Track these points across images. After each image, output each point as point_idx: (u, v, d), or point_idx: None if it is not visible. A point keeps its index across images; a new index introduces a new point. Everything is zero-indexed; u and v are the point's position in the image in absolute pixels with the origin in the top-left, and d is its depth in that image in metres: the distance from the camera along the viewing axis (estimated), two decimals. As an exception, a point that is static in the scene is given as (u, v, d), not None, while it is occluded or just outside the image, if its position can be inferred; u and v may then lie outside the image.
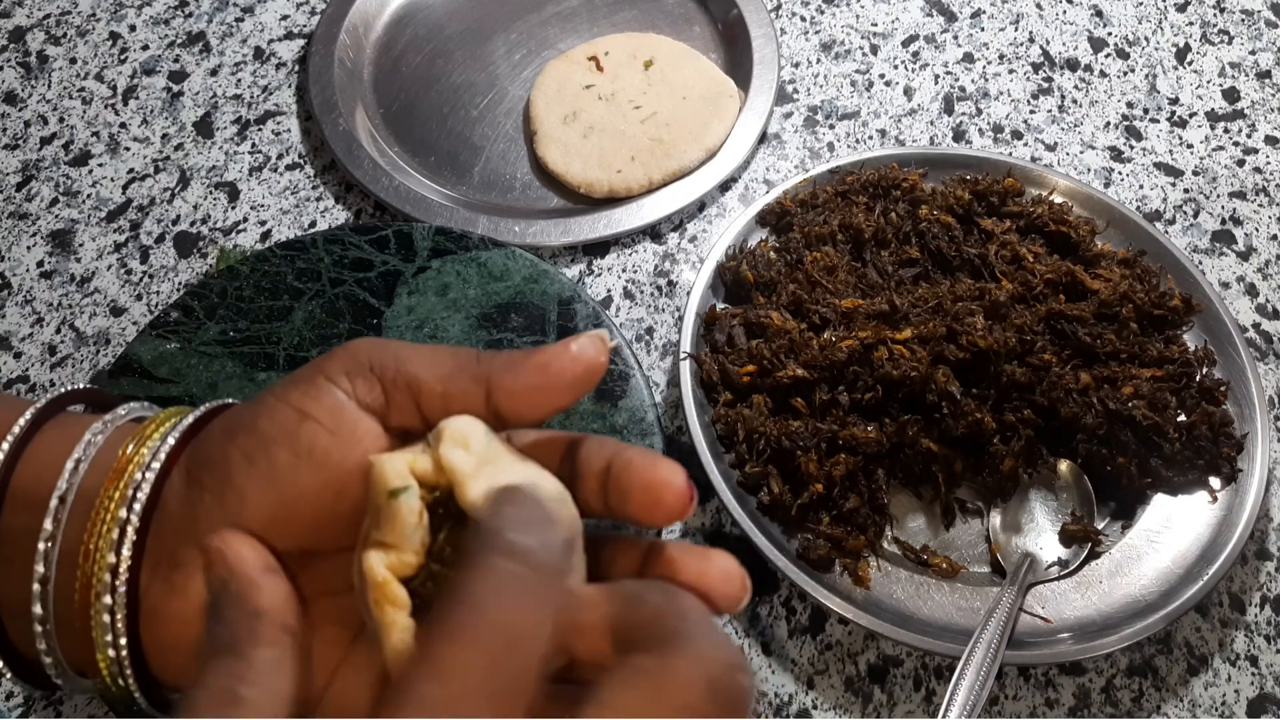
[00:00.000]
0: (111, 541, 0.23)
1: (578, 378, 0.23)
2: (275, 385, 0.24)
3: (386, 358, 0.24)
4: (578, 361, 0.23)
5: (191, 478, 0.24)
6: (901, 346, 0.48)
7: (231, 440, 0.24)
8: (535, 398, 0.23)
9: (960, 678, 0.41)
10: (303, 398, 0.23)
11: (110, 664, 0.24)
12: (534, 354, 0.23)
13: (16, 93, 0.66)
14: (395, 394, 0.24)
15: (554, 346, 0.23)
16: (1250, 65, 0.67)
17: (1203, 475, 0.48)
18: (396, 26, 0.69)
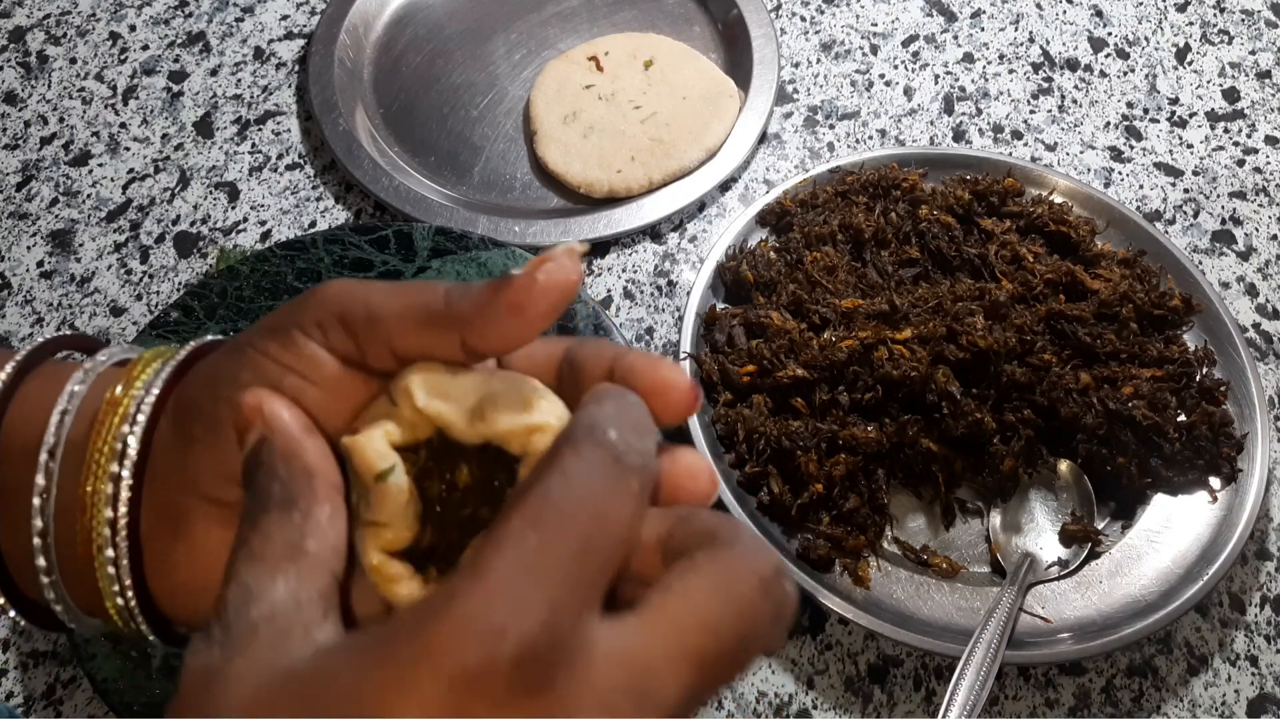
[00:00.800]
0: (107, 496, 0.24)
1: (552, 305, 0.22)
2: (250, 333, 0.24)
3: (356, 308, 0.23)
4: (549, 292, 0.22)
5: (180, 428, 0.24)
6: (901, 346, 0.48)
7: (214, 393, 0.24)
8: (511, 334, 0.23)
9: (960, 678, 0.41)
10: (281, 351, 0.23)
11: (119, 611, 0.24)
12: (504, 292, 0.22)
13: (16, 93, 0.66)
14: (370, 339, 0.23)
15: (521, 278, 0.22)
16: (1250, 65, 0.67)
17: (1203, 475, 0.48)
18: (396, 26, 0.69)
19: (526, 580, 0.17)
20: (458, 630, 0.16)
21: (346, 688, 0.17)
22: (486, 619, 0.16)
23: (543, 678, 0.17)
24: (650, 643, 0.18)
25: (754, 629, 0.19)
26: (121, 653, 0.44)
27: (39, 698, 0.46)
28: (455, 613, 0.17)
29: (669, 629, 0.18)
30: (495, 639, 0.16)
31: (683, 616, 0.18)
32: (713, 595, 0.18)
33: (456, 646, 0.16)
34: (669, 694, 0.18)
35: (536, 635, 0.17)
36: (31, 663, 0.46)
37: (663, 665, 0.18)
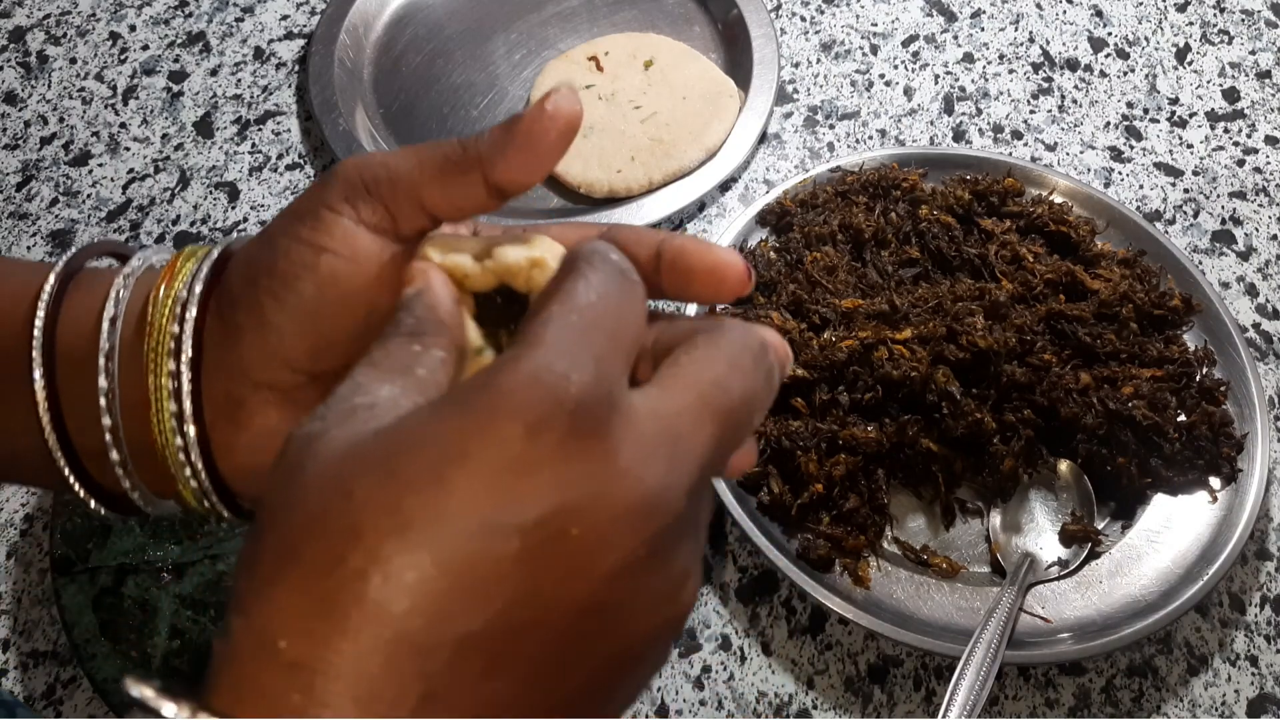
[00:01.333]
0: (169, 391, 0.25)
1: (561, 134, 0.24)
2: (278, 222, 0.25)
3: (379, 173, 0.25)
4: (557, 119, 0.24)
5: (226, 321, 0.25)
6: (901, 346, 0.48)
7: (255, 284, 0.25)
8: (530, 165, 0.24)
9: (960, 678, 0.41)
10: (313, 232, 0.24)
11: (194, 493, 0.26)
12: (516, 126, 0.24)
13: (16, 93, 0.66)
14: (398, 204, 0.25)
15: (531, 112, 0.24)
16: (1250, 65, 0.67)
17: (1203, 475, 0.48)
18: (396, 26, 0.69)
19: (577, 344, 0.19)
20: (528, 381, 0.18)
21: (431, 436, 0.18)
22: (550, 370, 0.19)
23: (599, 422, 0.19)
24: (675, 400, 0.20)
25: (754, 388, 0.22)
26: (121, 653, 0.44)
27: (39, 698, 0.46)
28: (523, 369, 0.19)
29: (686, 388, 0.21)
30: (561, 385, 0.18)
31: (696, 379, 0.21)
32: (716, 361, 0.21)
33: (528, 394, 0.18)
34: (699, 441, 0.20)
35: (593, 383, 0.19)
36: (31, 662, 0.46)
37: (689, 417, 0.20)
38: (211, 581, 0.46)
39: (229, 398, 0.25)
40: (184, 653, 0.44)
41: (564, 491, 0.18)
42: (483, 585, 0.17)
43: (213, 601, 0.46)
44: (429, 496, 0.18)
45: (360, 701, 0.17)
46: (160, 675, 0.44)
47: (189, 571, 0.46)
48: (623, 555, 0.19)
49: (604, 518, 0.18)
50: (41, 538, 0.49)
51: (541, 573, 0.18)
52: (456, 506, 0.18)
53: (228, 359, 0.25)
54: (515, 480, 0.18)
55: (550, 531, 0.18)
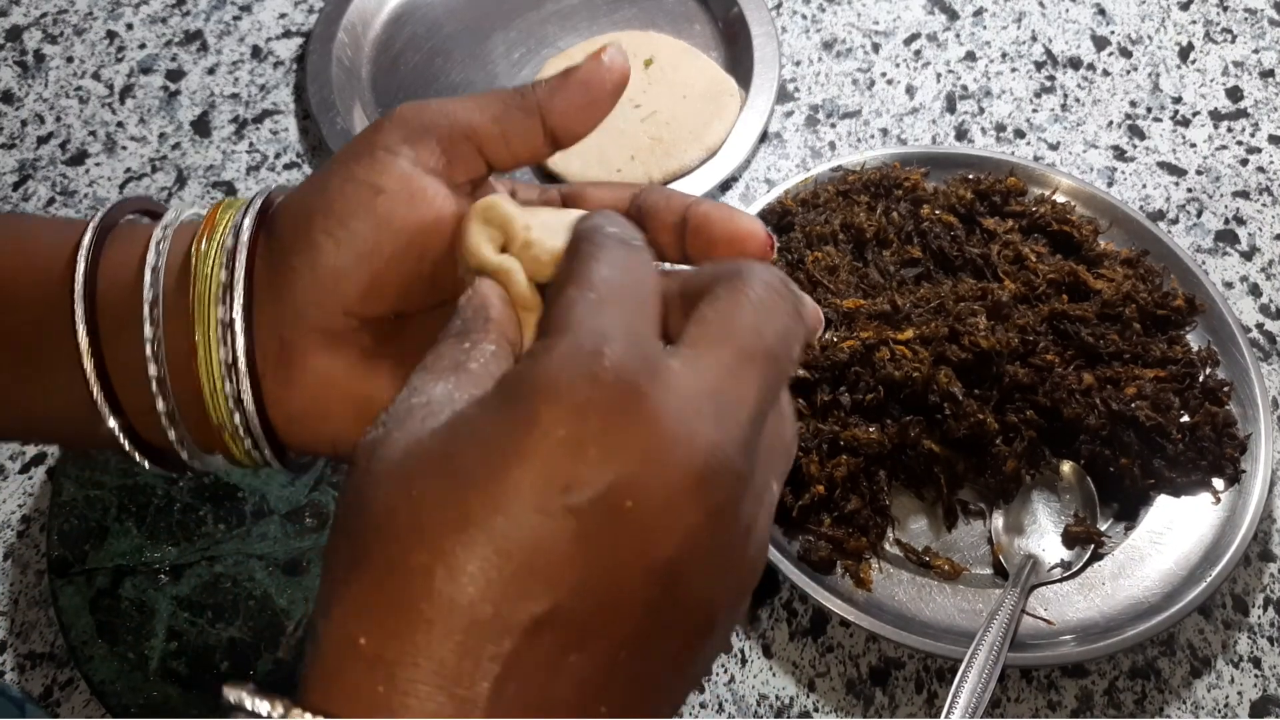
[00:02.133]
0: (218, 339, 0.25)
1: (615, 84, 0.25)
2: (332, 163, 0.26)
3: (437, 117, 0.25)
4: (613, 70, 0.25)
5: (276, 266, 0.25)
6: (903, 347, 0.47)
7: (310, 223, 0.25)
8: (585, 113, 0.26)
9: (962, 680, 0.41)
10: (370, 171, 0.25)
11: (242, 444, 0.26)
12: (573, 75, 0.25)
13: (13, 92, 0.66)
14: (456, 148, 0.25)
15: (588, 63, 0.25)
16: (1254, 64, 0.66)
17: (1206, 476, 0.48)
18: (395, 25, 0.69)
19: (602, 318, 0.19)
20: (562, 364, 0.19)
21: (480, 431, 0.19)
22: (581, 349, 0.19)
23: (638, 389, 0.19)
24: (710, 354, 0.20)
25: (784, 323, 0.22)
26: (119, 655, 0.44)
27: (36, 700, 0.45)
28: (555, 354, 0.19)
29: (719, 340, 0.21)
30: (595, 360, 0.19)
31: (727, 330, 0.21)
32: (743, 306, 0.21)
33: (563, 376, 0.18)
34: (744, 392, 0.20)
35: (626, 352, 0.19)
36: (29, 664, 0.46)
37: (728, 368, 0.20)
38: (209, 583, 0.46)
39: (281, 343, 0.25)
40: (181, 654, 0.44)
41: (614, 466, 0.18)
42: (545, 568, 0.18)
43: (210, 603, 0.46)
44: (484, 489, 0.18)
45: (441, 686, 0.17)
46: (158, 677, 0.43)
47: (186, 573, 0.46)
48: (683, 522, 0.19)
49: (657, 486, 0.18)
50: (39, 539, 0.49)
51: (603, 549, 0.18)
52: (511, 495, 0.18)
53: (279, 303, 0.25)
54: (564, 462, 0.18)
55: (606, 508, 0.18)
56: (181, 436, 0.27)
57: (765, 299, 0.22)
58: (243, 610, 0.45)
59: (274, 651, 0.45)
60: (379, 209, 0.24)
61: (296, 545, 0.47)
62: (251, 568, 0.46)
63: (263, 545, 0.47)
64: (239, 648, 0.44)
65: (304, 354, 0.25)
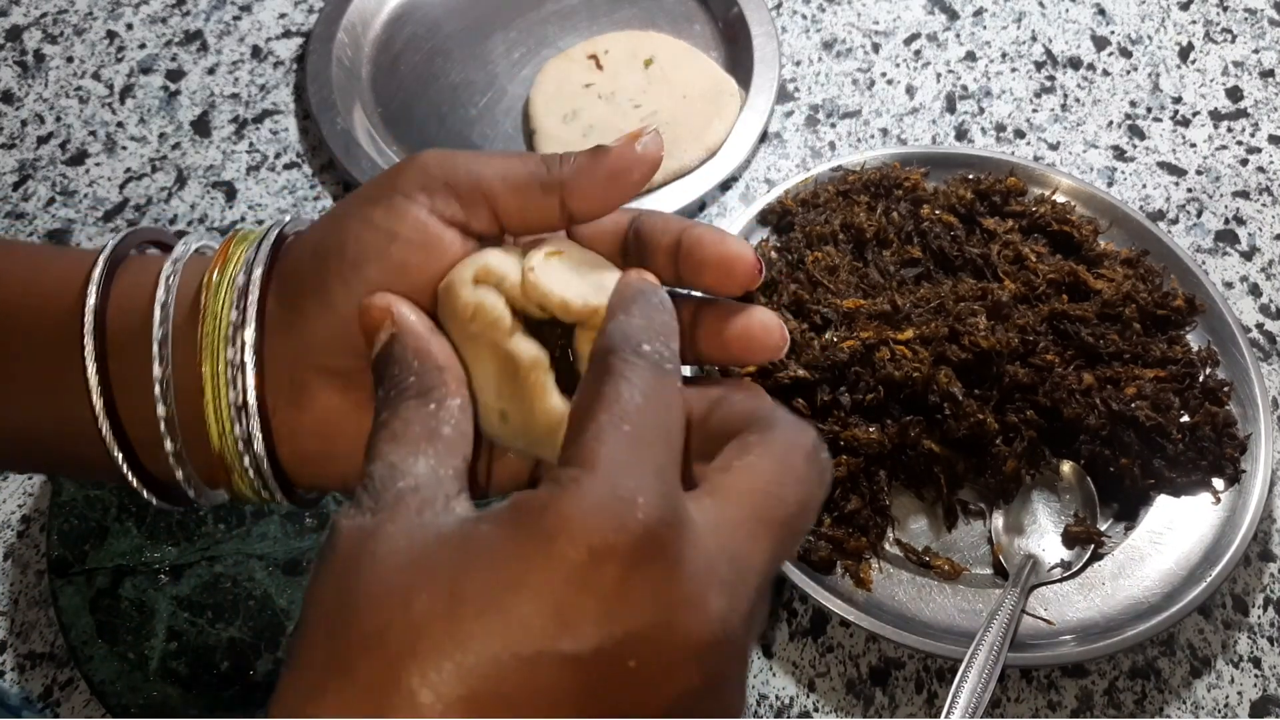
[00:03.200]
0: (226, 379, 0.25)
1: (644, 174, 0.25)
2: (348, 204, 0.25)
3: (459, 171, 0.25)
4: (645, 160, 0.25)
5: (289, 303, 0.25)
6: (903, 347, 0.47)
7: (324, 265, 0.25)
8: (608, 199, 0.25)
9: (962, 680, 0.41)
10: (386, 216, 0.24)
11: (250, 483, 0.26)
12: (603, 159, 0.25)
13: (13, 92, 0.66)
14: (472, 205, 0.25)
15: (621, 149, 0.25)
16: (1254, 64, 0.66)
17: (1206, 476, 0.48)
18: (395, 25, 0.69)
19: (636, 460, 0.19)
20: (594, 507, 0.18)
21: (492, 557, 0.18)
22: (615, 496, 0.18)
23: (664, 546, 0.18)
24: (734, 513, 0.20)
25: (809, 493, 0.21)
26: (119, 655, 0.44)
27: (36, 700, 0.45)
28: (587, 493, 0.18)
29: (744, 500, 0.20)
30: (628, 510, 0.18)
31: (752, 489, 0.20)
32: (772, 468, 0.21)
33: (592, 521, 0.18)
34: (758, 561, 0.20)
35: (659, 505, 0.18)
36: (28, 664, 0.46)
37: (746, 533, 0.20)
38: (209, 583, 0.46)
39: (291, 381, 0.25)
40: (181, 654, 0.44)
41: (625, 621, 0.18)
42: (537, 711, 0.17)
43: (210, 603, 0.46)
44: (489, 620, 0.17)
45: None
46: (157, 677, 0.43)
47: (186, 573, 0.46)
48: (681, 687, 0.18)
49: (665, 649, 0.18)
50: (39, 539, 0.49)
51: (597, 702, 0.18)
52: (516, 631, 0.17)
53: (290, 343, 0.25)
54: (574, 609, 0.18)
55: (608, 662, 0.18)
56: (189, 476, 0.26)
57: (795, 463, 0.21)
58: (243, 610, 0.45)
59: (274, 651, 0.45)
60: (393, 255, 0.24)
61: (296, 545, 0.47)
62: (251, 568, 0.46)
63: (263, 545, 0.47)
64: (239, 648, 0.44)
65: (314, 394, 0.25)
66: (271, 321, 0.25)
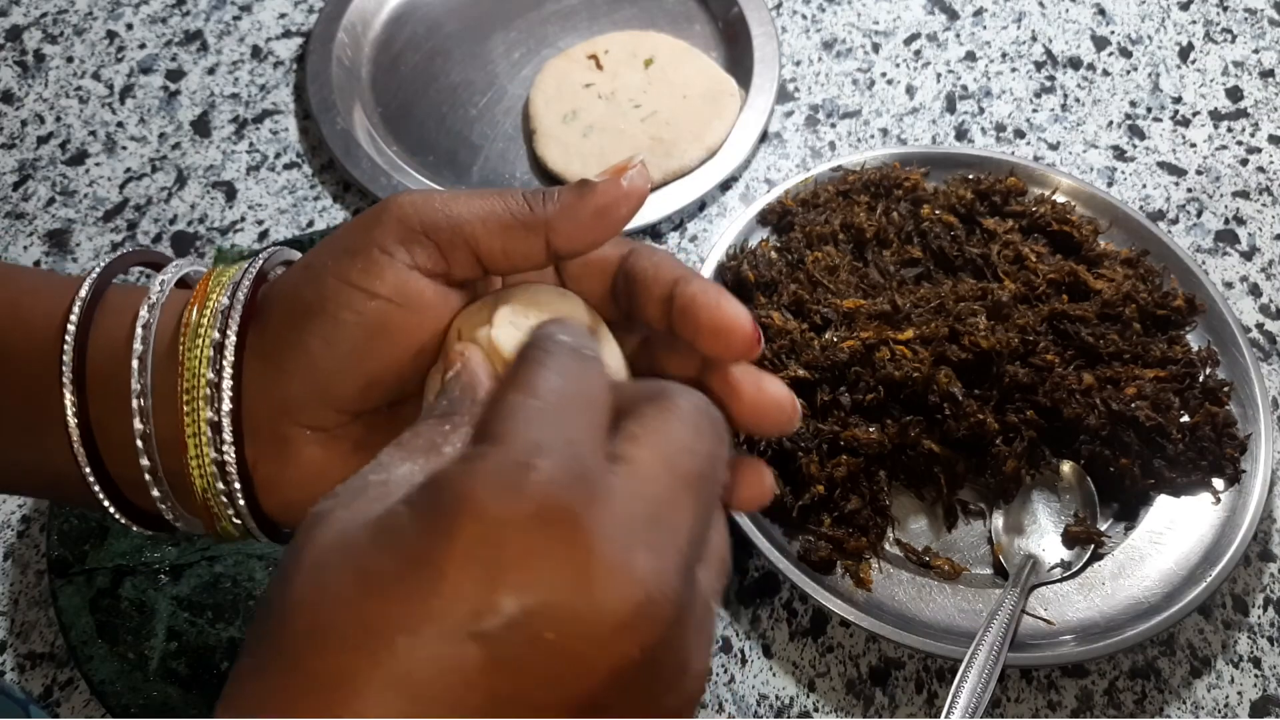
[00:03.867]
0: (207, 438, 0.25)
1: (630, 208, 0.25)
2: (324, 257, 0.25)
3: (437, 217, 0.24)
4: (630, 196, 0.25)
5: (268, 360, 0.25)
6: (903, 347, 0.47)
7: (301, 326, 0.24)
8: (593, 236, 0.25)
9: (962, 680, 0.41)
10: (364, 276, 0.24)
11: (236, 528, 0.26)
12: (589, 196, 0.24)
13: (13, 92, 0.66)
14: (452, 251, 0.24)
15: (608, 184, 0.24)
16: (1254, 64, 0.66)
17: (1206, 476, 0.48)
18: (395, 25, 0.69)
19: (542, 430, 0.19)
20: (489, 477, 0.18)
21: (401, 537, 0.18)
22: (512, 462, 0.18)
23: (571, 511, 0.18)
24: (648, 472, 0.19)
25: (714, 445, 0.21)
26: (119, 654, 0.44)
27: (36, 700, 0.45)
28: (486, 463, 0.18)
29: (655, 460, 0.20)
30: (522, 474, 0.18)
31: (661, 448, 0.20)
32: (675, 426, 0.21)
33: (490, 491, 0.17)
34: (680, 516, 0.19)
35: (561, 466, 0.18)
36: (29, 664, 0.46)
37: (665, 488, 0.19)
38: (209, 583, 0.46)
39: (274, 437, 0.25)
40: (181, 654, 0.44)
41: (534, 593, 0.17)
42: (446, 697, 0.17)
43: (210, 603, 0.46)
44: (393, 602, 0.17)
45: None
46: (158, 677, 0.43)
47: (186, 573, 0.46)
48: (616, 659, 0.17)
49: (586, 618, 0.17)
50: (39, 539, 0.49)
51: (514, 682, 0.17)
52: (419, 614, 0.17)
53: (271, 398, 0.25)
54: (479, 584, 0.17)
55: (522, 636, 0.17)
56: (178, 515, 0.26)
57: (695, 420, 0.21)
58: (243, 610, 0.45)
59: (274, 651, 0.45)
60: (372, 314, 0.24)
61: (296, 545, 0.47)
62: (251, 567, 0.46)
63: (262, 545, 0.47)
64: (239, 647, 0.44)
65: (297, 448, 0.25)
66: (251, 376, 0.25)
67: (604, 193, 0.24)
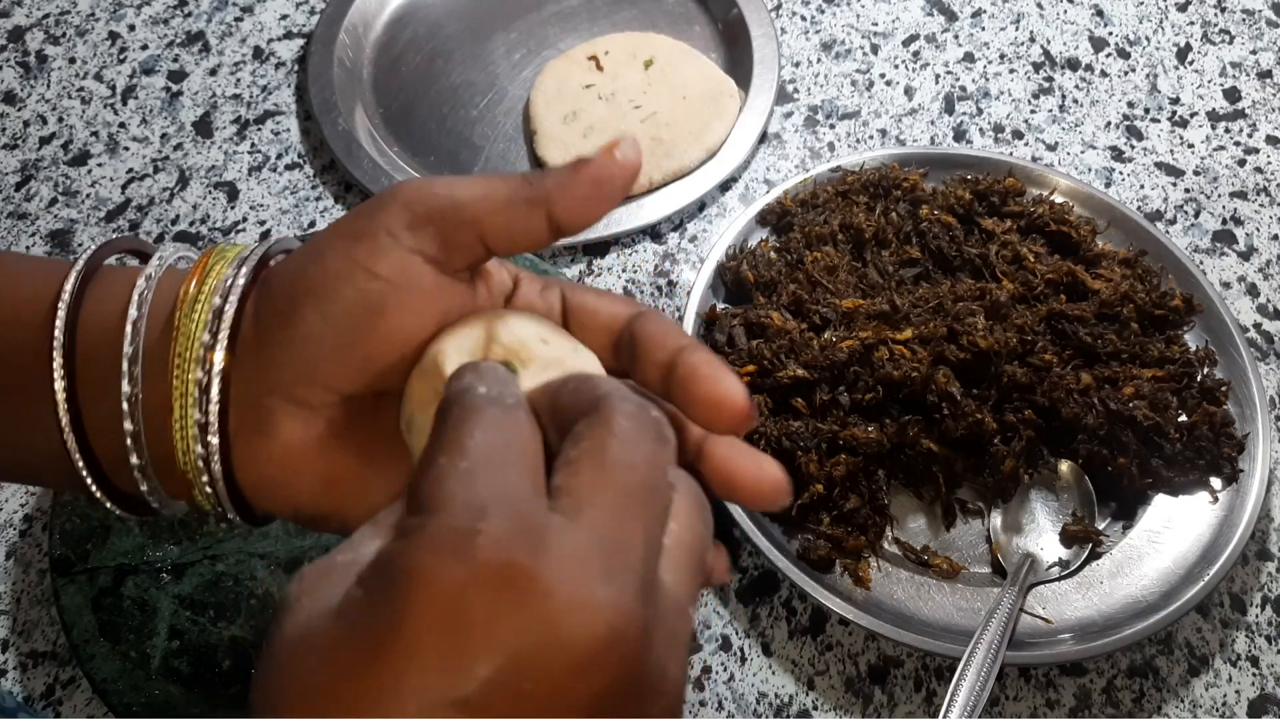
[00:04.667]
0: (194, 399, 0.25)
1: (626, 180, 0.25)
2: (331, 236, 0.25)
3: (440, 201, 0.25)
4: (625, 166, 0.25)
5: (263, 333, 0.25)
6: (902, 347, 0.48)
7: (301, 300, 0.25)
8: (592, 208, 0.25)
9: (961, 678, 0.41)
10: (369, 256, 0.24)
11: (209, 501, 0.26)
12: (584, 169, 0.25)
13: (15, 92, 0.66)
14: (457, 236, 0.25)
15: (600, 158, 0.25)
16: (1251, 65, 0.67)
17: (1204, 475, 0.48)
18: (396, 26, 0.69)
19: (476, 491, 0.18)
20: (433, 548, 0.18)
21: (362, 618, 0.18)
22: (454, 529, 0.18)
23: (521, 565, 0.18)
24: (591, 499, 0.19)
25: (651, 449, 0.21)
26: (120, 653, 0.44)
27: (38, 698, 0.46)
28: (426, 536, 0.18)
29: (595, 484, 0.20)
30: (469, 541, 0.18)
31: (599, 470, 0.20)
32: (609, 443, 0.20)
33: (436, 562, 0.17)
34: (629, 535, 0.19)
35: (506, 525, 0.18)
36: (30, 663, 0.46)
37: (611, 510, 0.19)
38: (210, 582, 0.46)
39: (257, 409, 0.25)
40: (183, 653, 0.44)
41: (504, 650, 0.17)
42: None
43: (212, 602, 0.46)
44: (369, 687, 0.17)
45: None
46: (159, 676, 0.44)
47: (188, 572, 0.46)
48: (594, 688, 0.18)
49: (557, 660, 0.17)
50: (41, 538, 0.49)
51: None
52: (397, 692, 0.17)
53: (260, 370, 0.25)
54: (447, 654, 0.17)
55: (501, 694, 0.17)
56: (154, 489, 0.27)
57: (629, 430, 0.21)
58: (244, 609, 0.46)
59: (275, 650, 0.45)
60: (373, 295, 0.24)
61: (298, 544, 0.47)
62: (253, 566, 0.47)
63: (264, 544, 0.47)
64: (241, 646, 0.45)
65: (278, 423, 0.25)
66: (245, 345, 0.25)
67: (600, 165, 0.25)
